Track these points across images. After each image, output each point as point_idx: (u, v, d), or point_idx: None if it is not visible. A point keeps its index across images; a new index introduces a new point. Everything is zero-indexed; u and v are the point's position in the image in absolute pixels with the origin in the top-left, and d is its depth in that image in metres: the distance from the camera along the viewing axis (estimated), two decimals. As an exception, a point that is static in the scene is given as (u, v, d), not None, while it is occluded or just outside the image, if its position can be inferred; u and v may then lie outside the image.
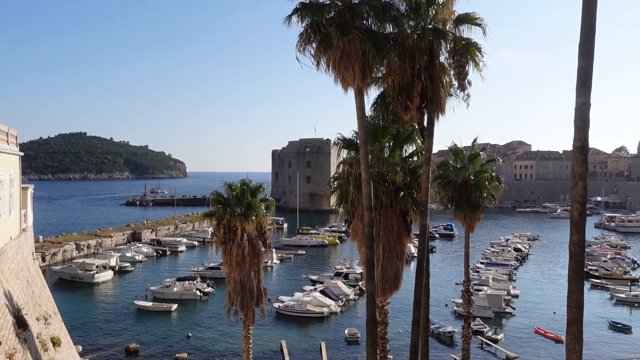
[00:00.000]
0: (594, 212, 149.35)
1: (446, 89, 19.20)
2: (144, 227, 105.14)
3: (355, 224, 19.76)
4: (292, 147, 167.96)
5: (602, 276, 67.67)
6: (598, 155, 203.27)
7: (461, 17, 18.73)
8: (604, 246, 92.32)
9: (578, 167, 11.19)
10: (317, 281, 62.97)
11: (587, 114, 11.19)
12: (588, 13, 11.12)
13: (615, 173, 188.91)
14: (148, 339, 44.10)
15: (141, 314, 51.46)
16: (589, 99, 11.18)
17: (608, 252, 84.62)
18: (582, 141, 11.16)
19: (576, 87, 11.23)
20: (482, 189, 28.90)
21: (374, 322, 17.59)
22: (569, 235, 11.35)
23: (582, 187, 11.14)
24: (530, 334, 46.88)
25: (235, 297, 25.43)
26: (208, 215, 27.68)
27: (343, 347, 43.30)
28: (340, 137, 20.72)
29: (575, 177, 11.26)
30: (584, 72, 11.16)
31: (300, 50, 17.09)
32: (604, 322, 49.95)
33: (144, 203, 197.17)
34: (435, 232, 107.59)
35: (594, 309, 53.95)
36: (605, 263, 74.72)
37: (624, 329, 48.21)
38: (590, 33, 11.14)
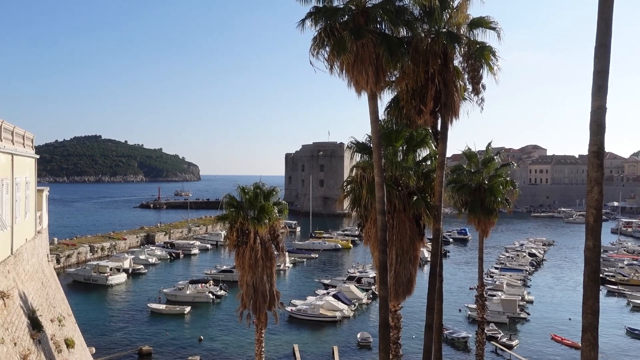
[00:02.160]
0: (610, 217, 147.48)
1: (460, 93, 19.10)
2: (157, 229, 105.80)
3: (369, 228, 19.71)
4: (306, 151, 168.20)
5: (618, 282, 66.74)
6: (615, 159, 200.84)
7: (475, 21, 18.65)
8: (621, 252, 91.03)
9: (594, 171, 11.07)
10: (329, 285, 62.83)
11: (603, 119, 11.07)
12: (604, 16, 11.00)
13: (632, 178, 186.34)
14: (161, 342, 44.29)
15: (154, 317, 51.74)
16: (604, 103, 11.06)
17: (625, 258, 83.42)
18: (597, 145, 11.04)
19: (592, 91, 11.11)
20: (497, 193, 28.71)
21: (386, 326, 17.50)
22: (585, 240, 11.22)
23: (598, 192, 11.01)
24: (545, 340, 46.34)
25: (247, 300, 25.50)
26: (221, 219, 27.84)
27: (355, 351, 43.14)
28: (354, 140, 20.70)
29: (590, 182, 11.13)
30: (600, 76, 11.04)
31: (314, 54, 17.13)
32: (621, 328, 49.24)
33: (157, 206, 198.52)
34: (449, 236, 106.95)
35: (610, 315, 53.19)
36: (622, 269, 73.67)
37: (642, 336, 47.48)
38: (606, 37, 11.02)
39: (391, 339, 19.81)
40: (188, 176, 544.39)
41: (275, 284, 26.81)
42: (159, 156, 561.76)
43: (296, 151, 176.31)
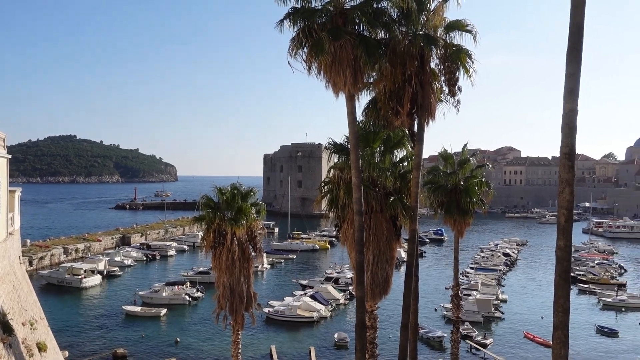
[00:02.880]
0: (582, 217, 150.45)
1: (436, 95, 19.34)
2: (133, 231, 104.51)
3: (346, 229, 19.81)
4: (284, 152, 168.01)
5: (589, 281, 68.14)
6: (586, 161, 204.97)
7: (452, 24, 18.89)
8: (592, 251, 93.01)
9: (565, 173, 11.31)
10: (307, 286, 62.89)
11: (574, 121, 11.33)
12: (575, 20, 11.27)
13: (603, 179, 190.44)
14: (136, 344, 43.78)
15: (130, 319, 51.10)
16: (576, 105, 11.31)
17: (595, 258, 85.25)
18: (569, 147, 11.29)
19: (563, 94, 11.36)
20: (472, 194, 29.09)
21: (363, 326, 17.62)
22: (556, 240, 11.46)
23: (569, 193, 11.26)
24: (518, 338, 47.09)
25: (224, 302, 25.38)
26: (198, 220, 27.65)
27: (332, 351, 43.25)
28: (332, 141, 20.79)
29: (562, 183, 11.38)
30: (571, 79, 11.29)
31: (292, 55, 17.16)
32: (591, 326, 50.30)
33: (133, 207, 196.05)
34: (426, 237, 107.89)
35: (581, 313, 54.34)
36: (592, 268, 75.29)
37: (611, 334, 48.57)
38: (577, 40, 11.28)
39: (368, 338, 19.94)
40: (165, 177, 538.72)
41: (253, 285, 26.72)
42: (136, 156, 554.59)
43: (274, 152, 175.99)
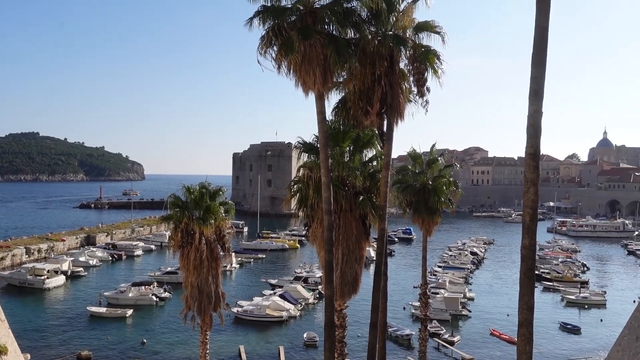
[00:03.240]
0: (546, 216, 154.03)
1: (405, 95, 19.48)
2: (98, 230, 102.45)
3: (315, 228, 19.81)
4: (254, 151, 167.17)
5: (553, 279, 69.85)
6: (551, 162, 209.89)
7: (421, 25, 19.05)
8: (556, 250, 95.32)
9: (530, 173, 11.51)
10: (276, 285, 62.75)
11: (539, 122, 11.53)
12: (540, 24, 11.47)
13: (567, 179, 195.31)
14: (101, 346, 42.96)
15: (94, 321, 50.08)
16: (540, 107, 11.52)
17: (559, 256, 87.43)
18: (534, 148, 11.49)
19: (529, 96, 11.56)
20: (440, 193, 29.43)
21: (332, 325, 17.65)
22: (521, 239, 11.67)
23: (534, 193, 11.46)
24: (485, 335, 47.92)
25: (192, 302, 25.14)
26: (165, 219, 27.34)
27: (301, 351, 43.26)
28: (301, 141, 20.75)
29: (527, 182, 11.58)
30: (536, 81, 11.49)
31: (262, 53, 17.05)
32: (555, 323, 51.54)
33: (99, 206, 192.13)
34: (395, 236, 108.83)
35: (545, 310, 55.61)
36: (556, 266, 77.17)
37: (574, 330, 49.87)
38: (542, 43, 11.49)
39: (337, 337, 19.97)
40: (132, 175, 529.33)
41: (221, 285, 26.56)
42: (101, 154, 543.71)
43: (244, 151, 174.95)
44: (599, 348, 42.97)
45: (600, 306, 58.72)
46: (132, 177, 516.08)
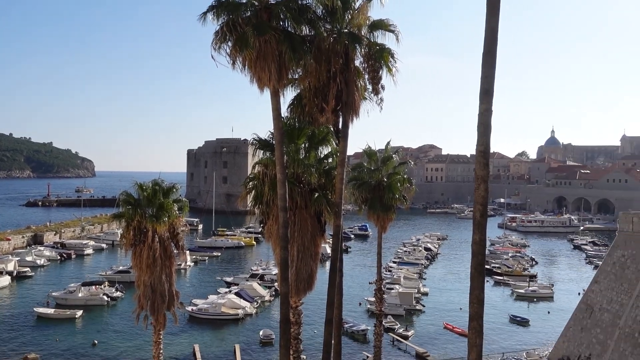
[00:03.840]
0: (497, 213, 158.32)
1: (361, 93, 19.64)
2: (46, 229, 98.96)
3: (270, 225, 19.73)
4: (209, 147, 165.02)
5: (503, 273, 71.89)
6: (502, 159, 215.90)
7: (375, 23, 19.22)
8: (506, 245, 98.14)
9: (480, 170, 11.82)
10: (232, 283, 62.22)
11: (489, 120, 11.85)
12: (490, 25, 11.77)
13: (516, 176, 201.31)
14: (49, 349, 41.55)
15: (42, 322, 48.39)
16: (490, 106, 11.84)
17: (509, 251, 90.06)
18: (484, 146, 11.79)
19: (479, 95, 11.85)
20: (395, 190, 29.77)
21: (287, 322, 17.64)
22: (472, 234, 11.96)
23: (484, 189, 11.77)
24: (438, 329, 48.91)
25: (145, 301, 24.61)
26: (117, 217, 26.61)
27: (257, 348, 43.07)
28: (256, 137, 20.61)
29: (477, 179, 11.87)
30: (487, 80, 11.80)
31: (216, 49, 16.84)
32: (505, 316, 53.08)
33: (47, 204, 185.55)
34: (351, 232, 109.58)
35: (496, 304, 57.22)
36: (507, 261, 79.43)
37: (523, 322, 51.50)
38: (492, 44, 11.80)
39: (292, 334, 19.98)
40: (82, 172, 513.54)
41: (175, 284, 26.08)
42: (49, 150, 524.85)
43: (199, 147, 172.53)
44: (547, 339, 44.47)
45: (547, 299, 60.83)
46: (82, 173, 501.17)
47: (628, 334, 31.16)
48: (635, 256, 33.28)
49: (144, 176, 33.32)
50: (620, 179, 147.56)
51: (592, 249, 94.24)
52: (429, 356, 41.25)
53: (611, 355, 31.95)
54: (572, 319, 37.34)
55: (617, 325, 32.34)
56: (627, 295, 32.68)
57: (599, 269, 37.88)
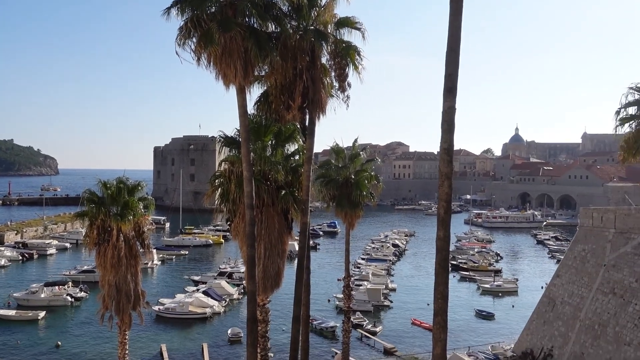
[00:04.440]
0: (463, 209, 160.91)
1: (327, 90, 19.66)
2: (7, 228, 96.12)
3: (237, 223, 19.60)
4: (176, 144, 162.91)
5: (470, 268, 73.13)
6: (468, 156, 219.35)
7: (342, 21, 19.26)
8: (472, 240, 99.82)
9: (444, 167, 11.97)
10: (200, 282, 61.67)
11: (453, 118, 12.00)
12: (454, 24, 11.91)
13: (482, 173, 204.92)
14: (10, 351, 40.41)
15: (2, 324, 46.95)
16: (454, 103, 11.99)
17: (475, 246, 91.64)
18: (448, 143, 11.94)
19: (443, 93, 11.99)
20: (362, 187, 29.93)
21: (254, 321, 17.56)
22: (436, 231, 12.11)
23: (448, 186, 11.93)
24: (406, 325, 49.45)
25: (110, 301, 24.19)
26: (80, 215, 26.04)
27: (226, 347, 42.78)
28: (222, 134, 20.43)
29: (442, 176, 12.03)
30: (450, 79, 11.95)
31: (180, 45, 16.60)
32: (471, 310, 54.02)
33: (7, 202, 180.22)
34: (320, 229, 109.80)
35: (462, 299, 58.20)
36: (472, 256, 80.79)
37: (488, 316, 52.50)
38: (455, 43, 11.94)
39: (259, 332, 19.92)
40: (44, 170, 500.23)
41: (141, 283, 25.69)
42: (10, 148, 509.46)
43: (166, 144, 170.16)
44: (512, 333, 45.39)
45: (512, 293, 62.15)
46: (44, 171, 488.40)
47: (588, 326, 32.10)
48: (595, 250, 34.29)
49: (109, 174, 32.76)
50: (581, 175, 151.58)
51: (554, 244, 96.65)
52: (396, 351, 41.67)
53: (572, 347, 32.87)
54: (535, 312, 38.26)
55: (578, 317, 33.28)
56: (587, 288, 33.66)
57: (560, 264, 38.91)
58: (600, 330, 30.86)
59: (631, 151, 19.09)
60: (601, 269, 32.87)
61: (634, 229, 31.48)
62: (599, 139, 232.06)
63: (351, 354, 34.24)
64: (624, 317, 29.40)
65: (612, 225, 33.38)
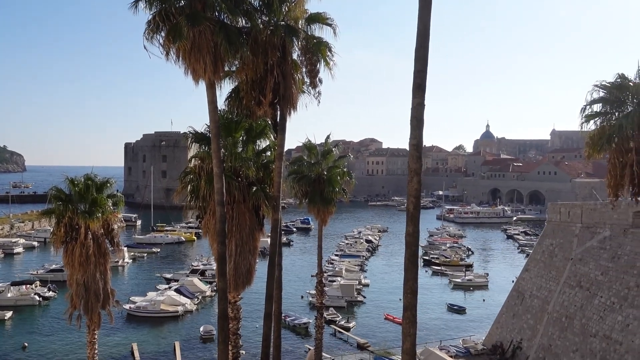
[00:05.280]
0: (436, 205, 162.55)
1: (298, 86, 19.59)
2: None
3: (207, 220, 19.40)
4: (147, 141, 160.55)
5: (442, 263, 74.02)
6: (440, 153, 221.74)
7: (313, 16, 19.20)
8: (444, 236, 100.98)
9: (413, 163, 12.03)
10: (172, 279, 61.06)
11: (422, 115, 12.06)
12: (423, 21, 11.96)
13: (454, 169, 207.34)
14: (-25, 353, 39.44)
15: (-33, 325, 45.83)
16: (423, 100, 12.05)
17: (447, 242, 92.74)
18: (417, 139, 12.00)
19: (412, 89, 12.03)
20: (335, 183, 29.91)
21: (225, 318, 17.44)
22: (405, 226, 12.16)
23: (417, 182, 11.99)
24: (379, 320, 49.79)
25: (78, 301, 23.72)
26: (46, 213, 25.49)
27: (198, 345, 42.45)
28: (192, 130, 20.19)
29: (411, 172, 12.08)
30: (419, 75, 12.00)
31: (148, 39, 16.31)
32: (443, 305, 54.68)
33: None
34: (293, 226, 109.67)
35: (434, 293, 58.88)
36: (444, 251, 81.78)
37: (460, 310, 53.23)
38: (424, 40, 11.99)
39: (231, 330, 19.80)
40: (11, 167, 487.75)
41: (110, 282, 25.27)
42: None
43: (137, 141, 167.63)
44: (482, 326, 46.11)
45: (483, 287, 63.09)
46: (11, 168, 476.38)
47: (556, 319, 32.80)
48: (563, 245, 35.03)
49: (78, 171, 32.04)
50: (549, 172, 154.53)
51: (524, 239, 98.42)
52: (369, 346, 41.94)
53: (540, 339, 33.55)
54: (504, 306, 38.93)
55: (546, 310, 33.98)
56: (555, 281, 34.38)
57: (529, 258, 39.65)
58: (567, 322, 31.56)
59: (596, 147, 19.49)
60: (568, 262, 33.61)
61: (600, 224, 32.26)
62: (567, 135, 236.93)
63: (324, 350, 34.33)
64: (590, 309, 30.13)
65: (579, 220, 34.14)
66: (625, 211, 30.02)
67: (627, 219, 30.08)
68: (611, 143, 19.15)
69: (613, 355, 27.36)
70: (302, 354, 40.49)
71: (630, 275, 28.17)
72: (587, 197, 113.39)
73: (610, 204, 23.28)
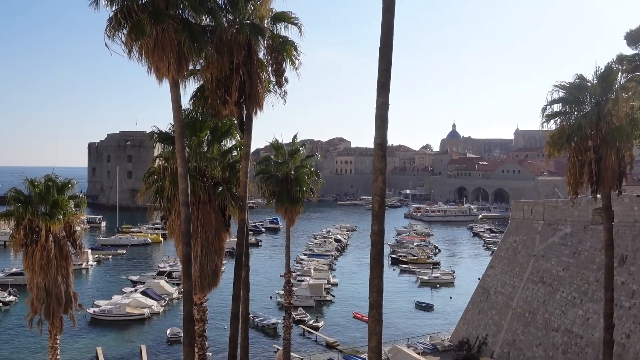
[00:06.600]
0: (403, 203, 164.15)
1: (264, 85, 19.47)
2: None
3: (172, 221, 19.11)
4: (112, 140, 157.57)
5: (409, 261, 74.79)
6: (407, 152, 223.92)
7: (278, 15, 19.10)
8: (411, 234, 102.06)
9: (378, 162, 12.09)
10: (138, 282, 60.07)
11: (386, 114, 12.13)
12: (386, 20, 12.04)
13: (421, 168, 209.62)
14: None
15: None
16: (387, 99, 12.12)
17: (415, 240, 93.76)
18: (381, 138, 12.06)
19: (376, 89, 12.09)
20: (302, 183, 29.90)
21: (190, 320, 17.20)
22: (371, 225, 12.22)
23: (382, 181, 12.06)
24: (348, 319, 49.99)
25: (39, 305, 23.12)
26: (4, 215, 24.79)
27: (165, 348, 41.89)
28: (156, 130, 19.85)
29: (376, 172, 12.14)
30: (383, 74, 12.06)
31: (110, 36, 15.92)
32: (411, 302, 55.24)
33: None
34: (262, 226, 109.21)
35: (402, 291, 59.45)
36: (412, 249, 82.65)
37: (427, 308, 53.89)
38: (388, 39, 12.07)
39: (197, 332, 19.56)
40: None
41: (73, 285, 24.70)
42: None
43: (101, 140, 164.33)
44: (449, 323, 46.75)
45: (449, 285, 64.02)
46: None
47: (520, 314, 33.51)
48: (526, 241, 35.80)
49: (38, 171, 31.20)
50: (513, 170, 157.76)
51: (489, 236, 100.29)
52: (338, 345, 42.08)
53: (505, 335, 34.21)
54: (470, 302, 39.58)
55: (510, 306, 34.68)
56: (518, 278, 35.11)
57: (494, 255, 40.41)
58: (530, 317, 32.28)
59: (556, 146, 19.94)
60: (531, 259, 34.37)
61: (561, 220, 33.10)
62: (530, 135, 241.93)
63: (293, 350, 34.29)
64: (552, 304, 30.88)
65: (541, 217, 34.95)
66: (585, 208, 30.88)
67: (587, 215, 30.94)
68: (570, 142, 19.62)
69: (574, 348, 28.12)
70: (270, 355, 40.35)
71: (590, 271, 28.98)
72: (549, 194, 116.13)
73: (571, 201, 23.86)
